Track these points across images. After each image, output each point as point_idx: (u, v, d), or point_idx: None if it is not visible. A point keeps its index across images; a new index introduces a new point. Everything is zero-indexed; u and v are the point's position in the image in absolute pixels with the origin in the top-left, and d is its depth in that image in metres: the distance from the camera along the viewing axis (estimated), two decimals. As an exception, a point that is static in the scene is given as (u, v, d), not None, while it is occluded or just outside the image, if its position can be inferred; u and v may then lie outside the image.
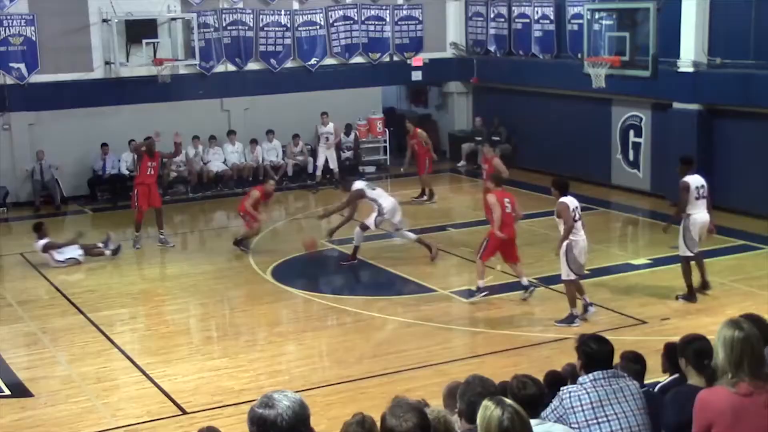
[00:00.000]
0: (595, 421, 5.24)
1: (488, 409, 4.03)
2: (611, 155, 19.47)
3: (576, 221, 11.14)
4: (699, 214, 11.96)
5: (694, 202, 11.93)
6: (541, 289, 12.86)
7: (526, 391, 5.02)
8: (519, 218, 12.73)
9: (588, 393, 5.31)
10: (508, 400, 4.09)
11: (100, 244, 15.33)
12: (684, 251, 12.09)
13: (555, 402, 5.34)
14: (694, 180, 12.02)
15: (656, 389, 6.29)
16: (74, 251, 14.95)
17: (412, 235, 14.69)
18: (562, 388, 5.46)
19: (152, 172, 15.88)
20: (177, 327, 12.01)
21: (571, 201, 11.18)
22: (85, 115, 19.62)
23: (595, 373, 5.39)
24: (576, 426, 5.21)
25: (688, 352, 5.56)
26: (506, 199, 12.43)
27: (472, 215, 17.42)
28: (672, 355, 6.16)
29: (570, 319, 11.35)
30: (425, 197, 18.90)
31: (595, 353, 5.46)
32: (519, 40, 21.57)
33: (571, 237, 11.10)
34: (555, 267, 13.94)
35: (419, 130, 18.93)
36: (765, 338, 5.29)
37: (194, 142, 20.28)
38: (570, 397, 5.32)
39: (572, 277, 11.32)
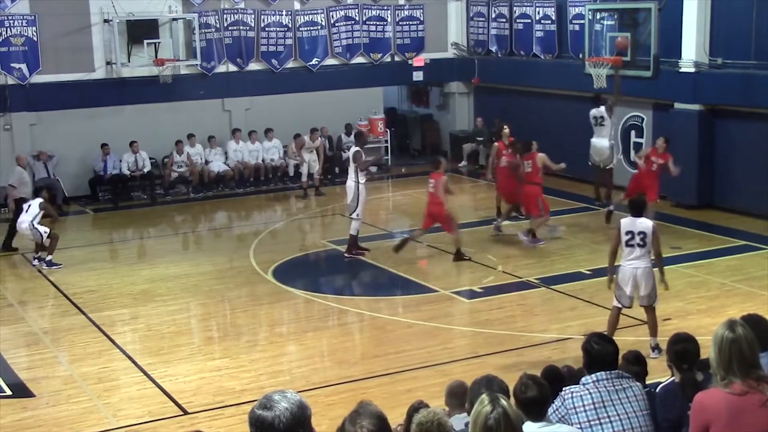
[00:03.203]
0: (597, 421, 5.23)
1: (481, 404, 4.04)
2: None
3: (627, 246, 10.04)
4: None
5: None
6: (541, 289, 12.89)
7: (527, 394, 4.96)
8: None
9: (590, 393, 5.30)
10: (504, 401, 4.06)
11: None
12: None
13: (557, 402, 5.33)
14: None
15: (657, 389, 6.30)
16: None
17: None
18: (564, 389, 5.45)
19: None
20: (178, 327, 11.99)
21: (626, 223, 10.10)
22: (87, 115, 19.63)
23: (598, 373, 5.39)
24: (578, 426, 5.20)
25: (671, 352, 5.96)
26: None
27: (474, 215, 17.41)
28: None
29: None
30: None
31: (597, 353, 5.46)
32: (520, 40, 21.56)
33: (621, 260, 10.17)
34: (555, 267, 14.03)
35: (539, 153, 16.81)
36: (765, 339, 5.30)
37: (211, 142, 20.46)
38: (572, 397, 5.32)
39: (614, 302, 10.28)
